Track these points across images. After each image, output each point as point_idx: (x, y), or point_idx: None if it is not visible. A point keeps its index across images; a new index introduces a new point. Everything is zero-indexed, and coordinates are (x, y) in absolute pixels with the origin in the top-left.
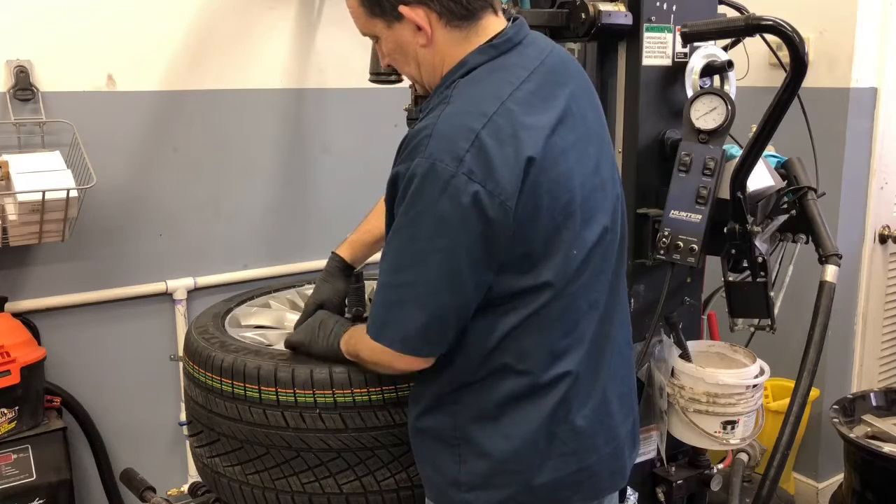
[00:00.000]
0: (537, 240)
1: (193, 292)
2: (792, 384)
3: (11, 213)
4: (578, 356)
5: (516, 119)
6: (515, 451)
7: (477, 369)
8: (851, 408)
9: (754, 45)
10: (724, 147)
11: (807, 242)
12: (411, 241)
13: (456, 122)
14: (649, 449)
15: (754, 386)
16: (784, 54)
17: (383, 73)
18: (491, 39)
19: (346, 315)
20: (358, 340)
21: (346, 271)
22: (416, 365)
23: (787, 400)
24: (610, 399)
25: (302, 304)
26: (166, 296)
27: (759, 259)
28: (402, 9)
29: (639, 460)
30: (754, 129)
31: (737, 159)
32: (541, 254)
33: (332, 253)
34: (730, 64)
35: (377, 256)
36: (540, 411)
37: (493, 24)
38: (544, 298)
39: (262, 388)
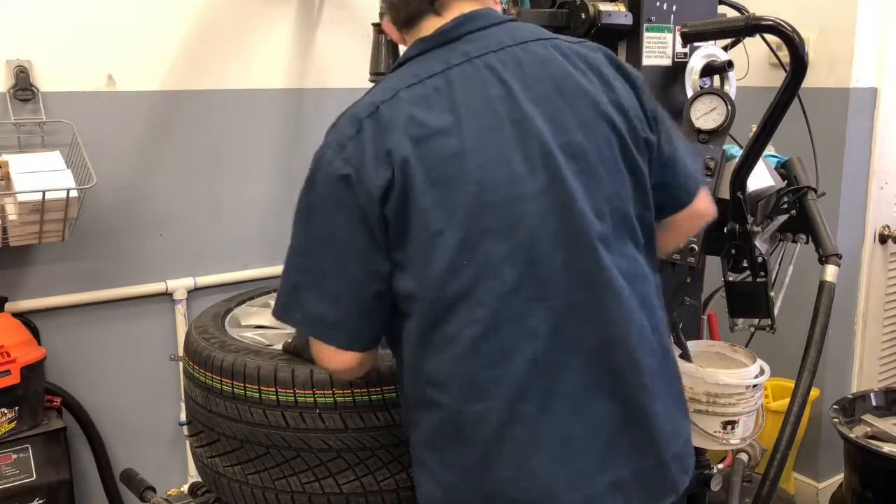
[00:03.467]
0: (412, 243)
1: (193, 292)
2: (792, 384)
3: (11, 213)
4: (508, 391)
5: (403, 112)
6: (456, 488)
7: (409, 391)
8: (851, 408)
9: (754, 45)
10: (724, 147)
11: (807, 242)
12: (300, 224)
13: (352, 111)
14: None
15: (754, 386)
16: (784, 54)
17: (383, 73)
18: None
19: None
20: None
21: None
22: (341, 358)
23: (787, 400)
24: (574, 442)
25: None
26: (166, 296)
27: (759, 259)
28: (382, 18)
29: None
30: (754, 129)
31: (737, 159)
32: (419, 259)
33: None
34: (730, 64)
35: None
36: (470, 451)
37: (432, 25)
38: (429, 310)
39: (262, 388)
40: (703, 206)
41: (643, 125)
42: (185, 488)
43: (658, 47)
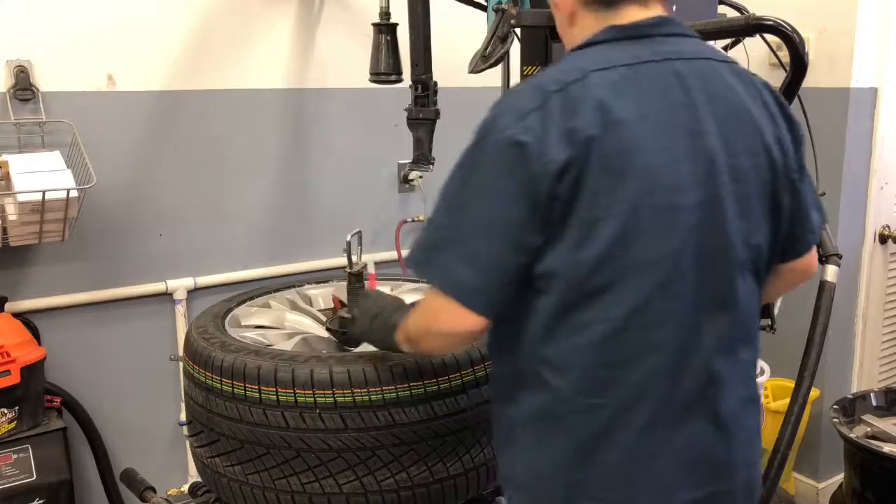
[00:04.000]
0: (572, 224)
1: (193, 292)
2: (792, 384)
3: (11, 213)
4: (623, 395)
5: (592, 94)
6: (542, 476)
7: (518, 365)
8: (851, 408)
9: (754, 45)
10: None
11: None
12: (457, 183)
13: (535, 82)
14: None
15: None
16: (784, 54)
17: (383, 73)
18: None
19: (345, 315)
20: (413, 314)
21: None
22: (469, 322)
23: (787, 400)
24: (666, 458)
25: (302, 305)
26: (166, 296)
27: None
28: None
29: None
30: None
31: None
32: (574, 241)
33: None
34: None
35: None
36: (568, 441)
37: (635, 14)
38: (567, 295)
39: (262, 388)
40: (812, 262)
41: (795, 171)
42: (185, 488)
43: None
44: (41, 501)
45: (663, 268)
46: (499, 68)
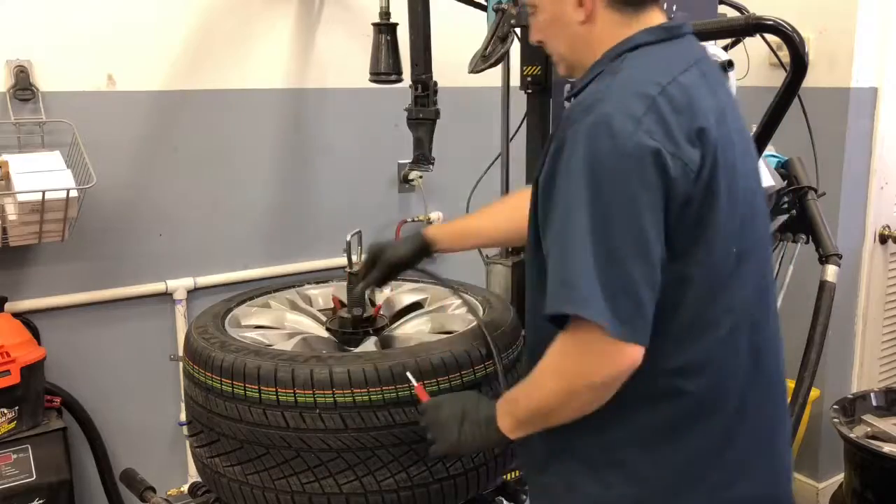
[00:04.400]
0: (708, 226)
1: (193, 292)
2: (792, 384)
3: (11, 213)
4: (741, 377)
5: (689, 93)
6: (666, 480)
7: (637, 385)
8: (851, 408)
9: (754, 45)
10: None
11: (807, 242)
12: (589, 205)
13: (629, 86)
14: None
15: None
16: (784, 54)
17: (383, 73)
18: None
19: (345, 315)
20: (526, 389)
21: (421, 245)
22: (631, 355)
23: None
24: (775, 429)
25: (302, 305)
26: (166, 296)
27: None
28: None
29: None
30: (754, 129)
31: None
32: (708, 243)
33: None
34: (730, 64)
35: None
36: (699, 440)
37: (657, 18)
38: (700, 297)
39: (262, 388)
40: None
41: None
42: (185, 488)
43: None
44: (41, 501)
45: (760, 254)
46: (499, 68)
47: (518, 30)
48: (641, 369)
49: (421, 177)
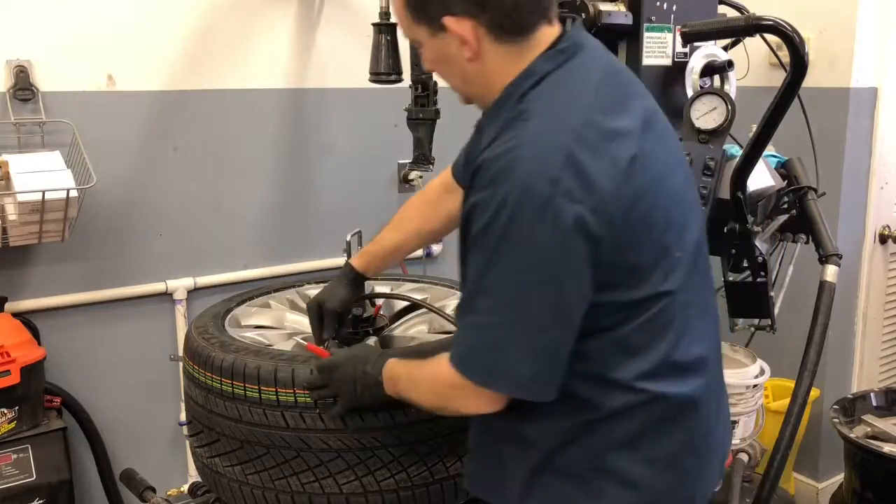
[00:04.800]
0: (644, 248)
1: (193, 292)
2: (792, 384)
3: (11, 213)
4: (704, 365)
5: (604, 127)
6: (662, 474)
7: (608, 398)
8: (851, 408)
9: (754, 45)
10: (724, 147)
11: (807, 242)
12: (509, 275)
13: (543, 140)
14: None
15: (754, 386)
16: (784, 54)
17: (383, 73)
18: (554, 44)
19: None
20: (422, 375)
21: (355, 280)
22: (496, 406)
23: (787, 400)
24: (724, 399)
25: (302, 304)
26: (166, 296)
27: (759, 259)
28: (447, 20)
29: None
30: (754, 129)
31: (737, 159)
32: (650, 262)
33: (347, 261)
34: (730, 64)
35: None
36: (680, 430)
37: (549, 35)
38: (657, 308)
39: (262, 388)
40: None
41: None
42: (185, 488)
43: (658, 47)
44: (41, 501)
45: (700, 239)
46: None
47: None
48: (611, 387)
49: (421, 177)
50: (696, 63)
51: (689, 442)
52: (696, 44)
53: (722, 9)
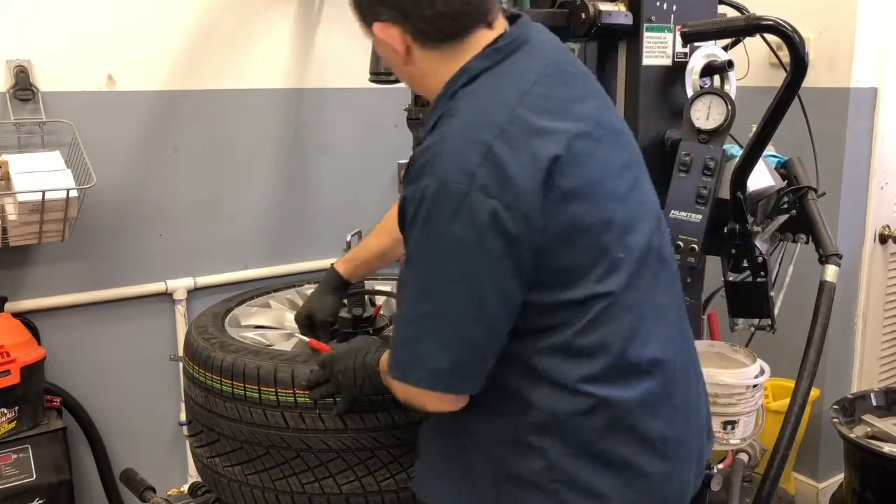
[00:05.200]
0: (578, 248)
1: (193, 292)
2: (792, 384)
3: (11, 213)
4: (659, 367)
5: (530, 124)
6: (625, 481)
7: (557, 402)
8: (851, 408)
9: (754, 45)
10: (724, 147)
11: (807, 242)
12: (428, 270)
13: (464, 135)
14: None
15: (754, 386)
16: (784, 54)
17: (383, 73)
18: (493, 42)
19: (345, 315)
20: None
21: (340, 286)
22: (449, 405)
23: (787, 400)
24: (694, 400)
25: (302, 304)
26: (166, 296)
27: (759, 259)
28: (375, 26)
29: None
30: (754, 129)
31: (737, 159)
32: (586, 263)
33: (330, 266)
34: (730, 64)
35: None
36: (635, 435)
37: (487, 37)
38: (598, 309)
39: (262, 388)
40: None
41: None
42: (185, 488)
43: (658, 47)
44: (41, 501)
45: (650, 242)
46: None
47: None
48: (556, 389)
49: None
50: (696, 63)
51: (649, 445)
52: (696, 44)
53: (722, 9)
